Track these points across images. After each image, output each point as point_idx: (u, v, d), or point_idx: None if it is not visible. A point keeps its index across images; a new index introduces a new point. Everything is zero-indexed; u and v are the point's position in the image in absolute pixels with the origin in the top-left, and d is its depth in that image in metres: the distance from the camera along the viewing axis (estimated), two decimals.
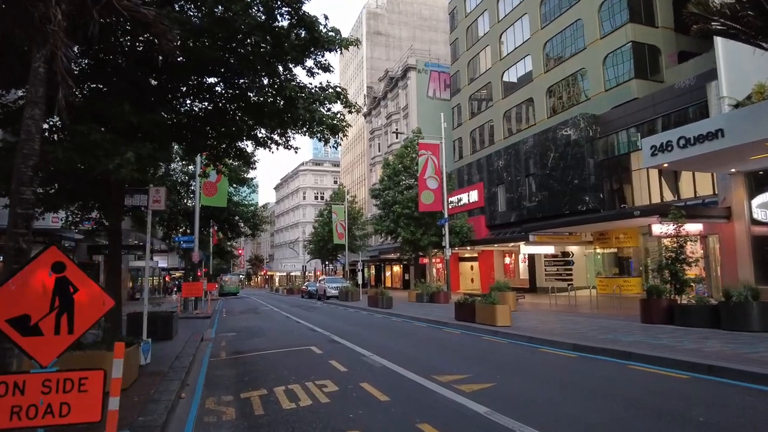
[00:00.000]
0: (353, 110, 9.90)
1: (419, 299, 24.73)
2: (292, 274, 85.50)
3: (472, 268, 38.40)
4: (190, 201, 24.82)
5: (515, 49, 34.18)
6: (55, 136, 7.46)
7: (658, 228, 16.42)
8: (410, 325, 14.62)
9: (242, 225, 31.19)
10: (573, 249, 27.70)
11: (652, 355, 7.40)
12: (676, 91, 20.86)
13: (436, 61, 51.34)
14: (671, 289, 12.21)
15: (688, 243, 13.50)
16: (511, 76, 34.83)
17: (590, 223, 22.70)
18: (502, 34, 35.89)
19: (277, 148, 10.17)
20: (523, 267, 31.07)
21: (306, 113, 8.31)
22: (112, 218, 8.93)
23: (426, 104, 48.33)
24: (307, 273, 68.90)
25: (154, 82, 8.49)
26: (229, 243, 45.16)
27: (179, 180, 24.74)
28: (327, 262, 54.05)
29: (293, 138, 10.00)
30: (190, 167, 23.75)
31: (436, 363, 8.16)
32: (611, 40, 25.59)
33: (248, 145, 10.77)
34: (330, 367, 8.00)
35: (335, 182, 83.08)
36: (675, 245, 12.80)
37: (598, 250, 26.24)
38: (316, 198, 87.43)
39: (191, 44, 8.01)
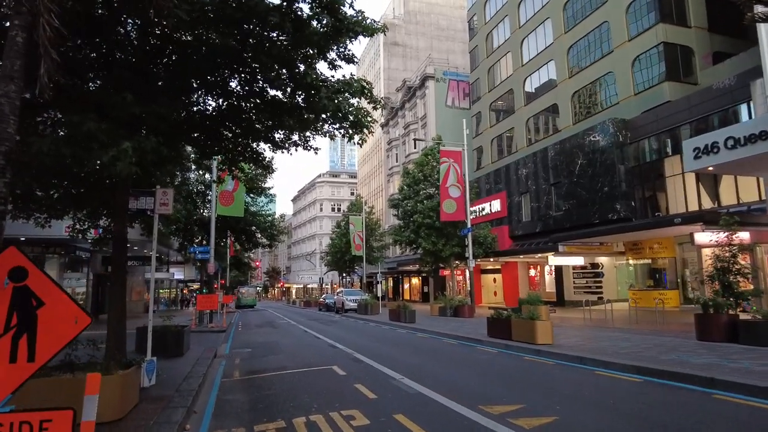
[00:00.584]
0: (378, 106, 9.10)
1: (442, 313, 23.64)
2: (309, 286, 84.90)
3: (494, 280, 37.05)
4: (206, 211, 24.22)
5: (538, 54, 33.24)
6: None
7: (705, 236, 15.25)
8: (439, 342, 13.53)
9: (259, 235, 30.44)
10: (602, 260, 26.36)
11: (740, 382, 6.22)
12: (715, 92, 19.74)
13: (455, 70, 50.58)
14: (731, 302, 11.07)
15: (741, 253, 12.44)
16: (534, 82, 33.83)
17: (624, 232, 21.43)
18: (523, 40, 34.99)
19: (296, 150, 9.37)
20: (549, 279, 29.71)
21: (330, 104, 7.45)
22: (117, 224, 8.15)
23: (445, 113, 47.52)
24: (324, 285, 68.15)
25: (162, 78, 7.74)
26: (246, 254, 44.53)
27: (195, 189, 24.19)
28: (344, 274, 53.14)
29: (313, 138, 9.22)
30: (206, 176, 23.19)
31: (479, 389, 7.10)
32: (640, 42, 24.52)
33: (265, 149, 10.02)
34: (356, 393, 7.01)
35: (352, 194, 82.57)
36: (728, 255, 11.82)
37: (631, 261, 24.85)
38: (332, 210, 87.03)
39: (204, 35, 7.27)
